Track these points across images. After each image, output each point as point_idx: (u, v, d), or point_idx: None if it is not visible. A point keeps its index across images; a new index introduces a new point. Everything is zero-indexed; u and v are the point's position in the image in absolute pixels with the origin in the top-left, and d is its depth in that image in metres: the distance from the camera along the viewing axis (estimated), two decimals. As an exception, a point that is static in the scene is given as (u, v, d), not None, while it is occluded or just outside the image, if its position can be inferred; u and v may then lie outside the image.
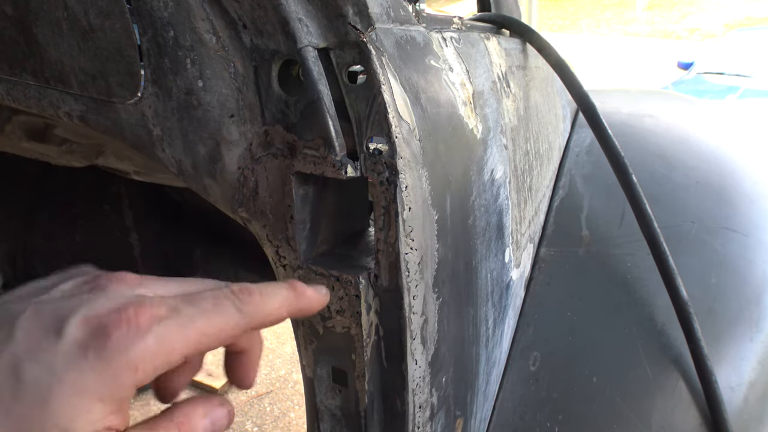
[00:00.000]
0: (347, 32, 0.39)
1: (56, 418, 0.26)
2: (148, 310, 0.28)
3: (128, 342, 0.27)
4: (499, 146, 0.59)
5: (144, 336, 0.28)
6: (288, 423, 2.14)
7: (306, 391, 0.49)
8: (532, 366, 0.67)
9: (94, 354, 0.27)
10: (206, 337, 0.30)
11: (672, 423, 0.63)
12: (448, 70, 0.50)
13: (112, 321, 0.28)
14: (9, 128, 0.74)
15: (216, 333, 0.30)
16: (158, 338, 0.28)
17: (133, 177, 0.98)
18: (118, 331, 0.27)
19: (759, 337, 0.70)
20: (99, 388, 0.27)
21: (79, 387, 0.27)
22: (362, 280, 0.42)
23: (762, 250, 0.79)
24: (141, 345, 0.27)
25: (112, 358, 0.27)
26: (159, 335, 0.28)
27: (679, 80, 5.28)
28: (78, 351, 0.27)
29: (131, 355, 0.27)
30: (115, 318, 0.28)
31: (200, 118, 0.44)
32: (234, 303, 0.31)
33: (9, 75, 0.53)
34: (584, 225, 0.81)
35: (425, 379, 0.45)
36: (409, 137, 0.40)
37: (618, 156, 0.70)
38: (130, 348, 0.27)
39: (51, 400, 0.26)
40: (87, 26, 0.46)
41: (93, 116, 0.49)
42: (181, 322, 0.29)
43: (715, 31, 13.73)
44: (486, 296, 0.57)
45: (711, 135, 1.05)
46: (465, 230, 0.50)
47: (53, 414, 0.26)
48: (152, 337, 0.28)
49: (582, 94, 0.72)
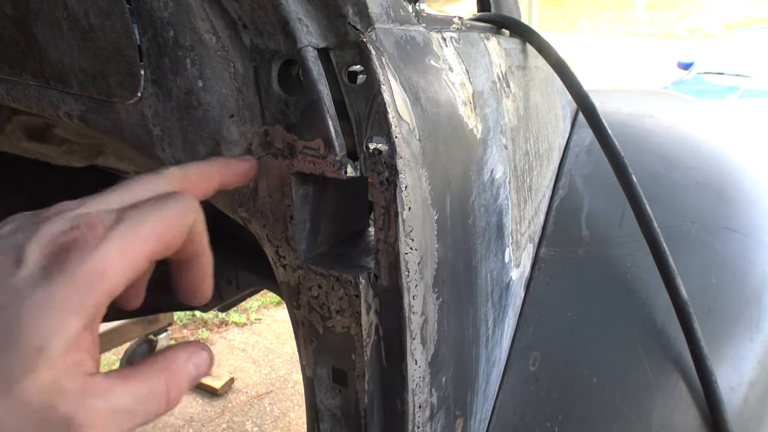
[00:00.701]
0: (347, 32, 0.39)
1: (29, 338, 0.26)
2: (98, 222, 0.29)
3: (87, 253, 0.28)
4: (499, 146, 0.59)
5: (100, 244, 0.28)
6: (288, 423, 2.14)
7: (306, 391, 0.49)
8: (532, 366, 0.67)
9: (57, 271, 0.27)
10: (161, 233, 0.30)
11: (672, 423, 0.63)
12: (448, 70, 0.50)
13: (67, 239, 0.28)
14: (9, 128, 0.74)
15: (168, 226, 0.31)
16: (115, 243, 0.28)
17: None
18: (75, 246, 0.28)
19: (759, 337, 0.70)
20: (69, 300, 0.27)
21: (48, 303, 0.26)
22: (362, 280, 0.42)
23: (762, 250, 0.79)
24: (101, 253, 0.28)
25: (76, 270, 0.27)
26: (115, 240, 0.28)
27: (679, 80, 5.28)
28: (40, 272, 0.27)
29: (95, 264, 0.27)
30: (69, 236, 0.28)
31: (200, 118, 0.44)
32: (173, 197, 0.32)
33: (9, 75, 0.53)
34: (584, 225, 0.81)
35: (425, 379, 0.45)
36: (409, 137, 0.41)
37: (618, 156, 0.70)
38: (91, 257, 0.27)
39: (21, 322, 0.26)
40: (87, 26, 0.46)
41: (93, 116, 0.49)
42: (131, 225, 0.29)
43: (715, 31, 13.74)
44: (486, 296, 0.57)
45: (711, 135, 1.06)
46: (465, 230, 0.50)
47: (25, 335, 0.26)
48: (109, 243, 0.28)
49: (582, 94, 0.72)
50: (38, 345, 0.26)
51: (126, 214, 0.30)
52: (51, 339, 0.26)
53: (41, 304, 0.26)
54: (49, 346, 0.26)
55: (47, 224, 0.29)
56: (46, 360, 0.26)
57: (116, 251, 0.28)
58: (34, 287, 0.26)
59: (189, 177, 0.36)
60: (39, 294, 0.26)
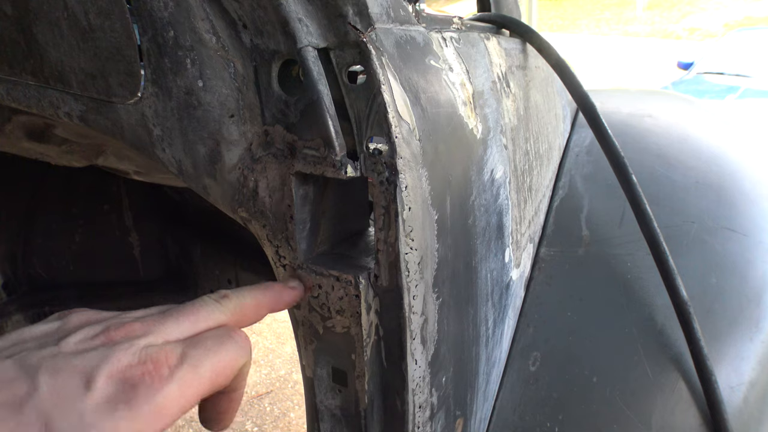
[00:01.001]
0: (347, 32, 0.39)
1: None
2: (164, 360, 0.31)
3: (153, 392, 0.30)
4: (499, 146, 0.59)
5: (165, 385, 0.31)
6: (288, 423, 2.14)
7: (306, 391, 0.49)
8: (532, 366, 0.67)
9: (124, 406, 0.29)
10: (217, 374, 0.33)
11: (672, 423, 0.63)
12: (448, 70, 0.49)
13: (136, 375, 0.30)
14: (9, 128, 0.74)
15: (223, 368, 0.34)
16: (178, 384, 0.31)
17: (133, 177, 0.98)
18: (143, 384, 0.30)
19: (759, 337, 0.70)
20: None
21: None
22: (362, 279, 0.42)
23: (762, 250, 0.79)
24: (164, 393, 0.30)
25: (141, 408, 0.29)
26: (177, 381, 0.31)
27: (679, 80, 5.28)
28: (108, 404, 0.29)
29: (158, 403, 0.30)
30: (137, 372, 0.31)
31: (200, 118, 0.44)
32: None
33: (9, 75, 0.53)
34: (584, 225, 0.81)
35: (425, 379, 0.45)
36: (409, 137, 0.40)
37: (618, 156, 0.70)
38: (155, 397, 0.30)
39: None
40: (87, 26, 0.46)
41: (93, 116, 0.49)
42: (193, 365, 0.32)
43: (715, 31, 13.74)
44: (486, 296, 0.57)
45: (711, 135, 1.05)
46: (465, 230, 0.50)
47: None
48: (172, 384, 0.31)
49: (582, 94, 0.72)
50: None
51: (189, 354, 0.33)
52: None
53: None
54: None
55: (117, 351, 0.31)
56: None
57: (178, 392, 0.31)
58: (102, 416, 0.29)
59: (244, 309, 0.39)
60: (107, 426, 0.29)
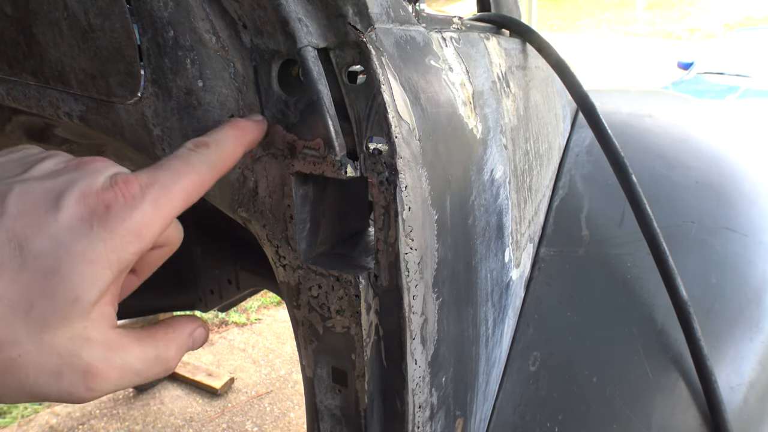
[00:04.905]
0: (347, 32, 0.39)
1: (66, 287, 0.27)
2: (135, 181, 0.30)
3: (129, 210, 0.29)
4: (499, 146, 0.59)
5: (139, 204, 0.29)
6: (288, 423, 2.14)
7: (306, 391, 0.49)
8: (532, 366, 0.67)
9: (98, 225, 0.28)
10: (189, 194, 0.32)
11: (672, 423, 0.63)
12: (448, 70, 0.50)
13: (108, 195, 0.29)
14: (9, 128, 0.74)
15: (196, 187, 0.33)
16: (152, 203, 0.30)
17: (133, 177, 0.98)
18: (116, 203, 0.29)
19: (759, 337, 0.70)
20: (107, 256, 0.28)
21: (88, 256, 0.27)
22: (362, 279, 0.42)
23: (762, 250, 0.79)
24: (139, 212, 0.29)
25: (116, 227, 0.28)
26: (151, 200, 0.30)
27: (679, 80, 5.28)
28: (81, 223, 0.28)
29: (135, 221, 0.29)
30: (109, 194, 0.29)
31: (200, 118, 0.44)
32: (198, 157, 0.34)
33: (9, 75, 0.53)
34: (584, 225, 0.81)
35: (425, 379, 0.45)
36: (409, 137, 0.41)
37: (618, 156, 0.70)
38: (131, 215, 0.29)
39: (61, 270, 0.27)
40: (87, 26, 0.46)
41: (93, 116, 0.49)
42: (164, 185, 0.31)
43: (715, 31, 13.74)
44: (486, 296, 0.57)
45: (711, 135, 1.05)
46: (465, 230, 0.50)
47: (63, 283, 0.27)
48: (146, 203, 0.30)
49: (582, 94, 0.72)
50: (75, 295, 0.27)
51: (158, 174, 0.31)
52: (87, 291, 0.27)
53: (83, 255, 0.27)
54: (84, 297, 0.27)
55: (88, 175, 0.30)
56: (81, 310, 0.27)
57: (153, 211, 0.30)
58: (77, 236, 0.27)
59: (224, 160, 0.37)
60: (81, 245, 0.27)
